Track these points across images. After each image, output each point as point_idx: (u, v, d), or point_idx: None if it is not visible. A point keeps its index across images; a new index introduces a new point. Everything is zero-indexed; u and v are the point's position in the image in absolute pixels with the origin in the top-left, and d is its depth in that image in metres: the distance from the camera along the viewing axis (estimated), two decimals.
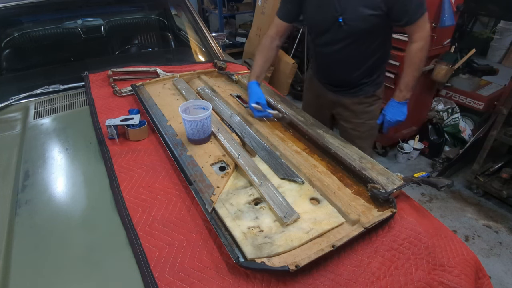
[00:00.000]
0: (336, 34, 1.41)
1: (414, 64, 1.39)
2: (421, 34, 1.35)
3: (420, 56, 1.38)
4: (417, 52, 1.37)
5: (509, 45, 4.78)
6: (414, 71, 1.40)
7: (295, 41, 3.94)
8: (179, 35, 2.46)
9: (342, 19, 1.34)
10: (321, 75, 1.68)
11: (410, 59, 1.39)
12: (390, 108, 1.48)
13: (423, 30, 1.34)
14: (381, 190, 0.98)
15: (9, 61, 1.98)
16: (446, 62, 2.65)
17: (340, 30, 1.38)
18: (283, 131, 1.32)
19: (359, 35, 1.39)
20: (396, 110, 1.46)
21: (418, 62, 1.39)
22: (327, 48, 1.49)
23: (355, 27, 1.36)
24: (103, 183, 1.06)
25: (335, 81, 1.62)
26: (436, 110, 3.04)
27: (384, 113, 1.50)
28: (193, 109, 1.24)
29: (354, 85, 1.57)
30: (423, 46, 1.36)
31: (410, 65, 1.40)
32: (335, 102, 1.66)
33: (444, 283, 0.83)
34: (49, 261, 0.84)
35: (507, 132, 2.30)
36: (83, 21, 2.11)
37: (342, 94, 1.61)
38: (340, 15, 1.34)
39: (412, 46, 1.37)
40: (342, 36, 1.40)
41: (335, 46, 1.45)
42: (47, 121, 1.41)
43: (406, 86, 1.42)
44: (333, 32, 1.41)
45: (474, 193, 2.59)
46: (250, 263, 0.78)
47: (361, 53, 1.46)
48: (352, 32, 1.38)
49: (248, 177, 1.04)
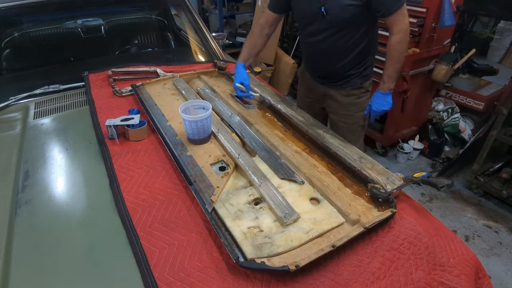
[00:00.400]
0: (320, 24, 1.49)
1: (394, 57, 1.46)
2: (399, 27, 1.41)
3: (399, 49, 1.44)
4: (395, 45, 1.44)
5: (509, 45, 4.78)
6: (395, 63, 1.47)
7: (295, 41, 3.94)
8: (179, 35, 2.46)
9: (324, 9, 1.43)
10: (310, 67, 1.76)
11: (390, 52, 1.47)
12: (375, 99, 1.57)
13: (400, 23, 1.40)
14: (381, 190, 0.98)
15: (9, 61, 1.98)
16: (446, 62, 2.65)
17: (324, 20, 1.46)
18: (283, 131, 1.32)
19: (341, 25, 1.47)
20: (381, 100, 1.54)
21: (398, 54, 1.45)
22: (313, 39, 1.57)
23: (337, 16, 1.44)
24: (103, 183, 1.06)
25: (322, 72, 1.70)
26: (436, 110, 3.04)
27: (370, 104, 1.60)
28: (193, 109, 1.24)
29: (341, 76, 1.63)
30: (401, 39, 1.42)
31: (390, 58, 1.47)
32: (324, 94, 1.74)
33: (444, 283, 0.83)
34: (49, 261, 0.84)
35: (507, 132, 2.30)
36: (83, 21, 2.11)
37: (330, 86, 1.69)
38: (323, 5, 1.42)
39: (391, 39, 1.45)
40: (325, 26, 1.49)
41: (320, 36, 1.53)
42: (47, 121, 1.41)
43: (389, 78, 1.50)
44: (317, 22, 1.49)
45: (474, 193, 2.59)
46: (250, 263, 0.78)
47: (345, 43, 1.52)
48: (334, 22, 1.46)
49: (248, 177, 1.04)
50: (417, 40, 2.50)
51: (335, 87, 1.67)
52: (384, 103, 1.54)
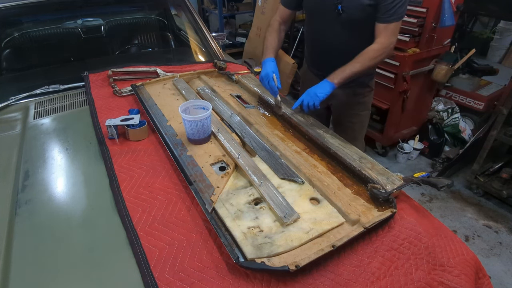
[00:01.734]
0: (334, 22, 1.46)
1: (361, 57, 1.38)
2: (384, 39, 1.38)
3: (372, 55, 1.38)
4: (370, 51, 1.38)
5: (509, 45, 4.78)
6: (356, 63, 1.38)
7: (295, 41, 3.94)
8: (179, 35, 2.46)
9: (341, 7, 1.40)
10: (316, 65, 1.72)
11: (362, 53, 1.39)
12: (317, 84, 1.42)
13: (387, 37, 1.38)
14: (381, 190, 0.98)
15: (9, 61, 1.98)
16: (446, 62, 2.65)
17: (339, 18, 1.43)
18: (283, 131, 1.32)
19: (356, 24, 1.44)
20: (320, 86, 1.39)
21: (366, 58, 1.37)
22: (325, 36, 1.54)
23: (353, 15, 1.41)
24: (103, 183, 1.06)
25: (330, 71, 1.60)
26: (436, 110, 3.04)
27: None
28: (193, 109, 1.24)
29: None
30: (379, 50, 1.38)
31: (358, 57, 1.39)
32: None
33: (444, 283, 0.83)
34: (49, 261, 0.84)
35: (507, 132, 2.30)
36: (83, 21, 2.11)
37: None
38: (339, 3, 1.40)
39: (371, 45, 1.40)
40: (339, 24, 1.46)
41: (331, 34, 1.51)
42: (47, 121, 1.41)
43: (341, 72, 1.37)
44: (330, 20, 1.46)
45: (474, 193, 2.59)
46: (250, 263, 0.78)
47: (356, 42, 1.48)
48: (349, 20, 1.43)
49: (248, 177, 1.04)
50: (417, 40, 2.50)
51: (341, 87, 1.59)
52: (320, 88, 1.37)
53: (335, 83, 1.37)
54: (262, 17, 3.89)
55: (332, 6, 1.42)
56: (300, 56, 3.93)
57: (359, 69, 1.38)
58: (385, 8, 1.35)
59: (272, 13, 3.73)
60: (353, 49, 1.50)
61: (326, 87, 1.36)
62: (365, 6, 1.37)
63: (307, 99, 1.36)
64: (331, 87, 1.37)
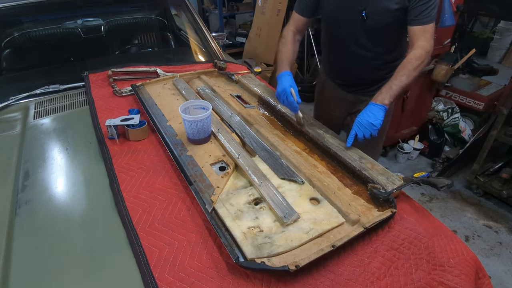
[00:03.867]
0: (358, 30, 1.37)
1: (405, 69, 1.25)
2: (423, 43, 1.26)
3: (415, 64, 1.25)
4: (413, 59, 1.25)
5: (509, 45, 4.78)
6: (402, 76, 1.24)
7: None
8: (179, 35, 2.46)
9: (365, 13, 1.31)
10: (339, 75, 1.61)
11: (404, 63, 1.26)
12: (364, 110, 1.25)
13: (426, 40, 1.27)
14: (381, 190, 0.98)
15: (9, 61, 1.98)
16: (446, 62, 2.65)
17: (363, 25, 1.34)
18: (283, 131, 1.32)
19: (381, 30, 1.35)
20: (370, 112, 1.22)
21: (411, 68, 1.25)
22: (346, 45, 1.45)
23: (380, 21, 1.32)
24: (103, 183, 1.06)
25: (355, 80, 1.56)
26: (436, 110, 3.04)
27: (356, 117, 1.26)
28: (193, 109, 1.24)
29: (375, 82, 1.52)
30: (422, 56, 1.25)
31: (401, 69, 1.26)
32: (354, 102, 1.61)
33: (444, 283, 0.83)
34: (49, 261, 0.84)
35: (507, 132, 2.30)
36: (83, 21, 2.11)
37: (362, 93, 1.56)
38: (364, 9, 1.31)
39: (412, 52, 1.27)
40: (363, 31, 1.37)
41: (356, 42, 1.41)
42: (47, 121, 1.41)
43: (389, 90, 1.23)
44: (354, 27, 1.37)
45: (474, 193, 2.59)
46: (250, 263, 0.78)
47: (381, 48, 1.42)
48: (374, 27, 1.34)
49: (248, 177, 1.04)
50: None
51: (369, 93, 1.49)
52: (372, 115, 1.21)
53: (386, 104, 1.22)
54: (262, 17, 3.89)
55: (356, 13, 1.33)
56: (300, 56, 3.92)
57: (406, 81, 1.24)
58: (419, 9, 1.25)
59: (272, 13, 3.73)
60: (376, 56, 1.44)
61: (379, 113, 1.21)
62: (392, 11, 1.28)
63: (362, 131, 1.20)
64: (383, 110, 1.22)
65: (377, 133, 1.24)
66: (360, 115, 1.24)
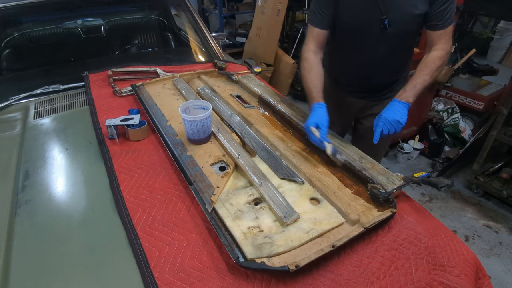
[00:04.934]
0: (378, 37, 1.32)
1: (429, 68, 1.26)
2: (444, 45, 1.28)
3: (438, 64, 1.27)
4: (435, 59, 1.27)
5: (509, 45, 4.78)
6: (426, 75, 1.25)
7: (295, 41, 3.94)
8: (179, 35, 2.46)
9: (387, 21, 1.26)
10: (352, 83, 1.56)
11: (427, 63, 1.27)
12: (389, 107, 1.26)
13: (446, 41, 1.28)
14: (381, 190, 0.98)
15: (9, 61, 1.98)
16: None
17: (384, 32, 1.29)
18: (283, 131, 1.32)
19: (402, 36, 1.32)
20: (396, 110, 1.23)
21: (434, 68, 1.27)
22: (365, 53, 1.39)
23: (401, 28, 1.29)
24: (103, 183, 1.06)
25: (368, 87, 1.52)
26: (436, 110, 3.04)
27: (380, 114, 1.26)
28: (193, 109, 1.24)
29: (389, 85, 1.51)
30: (443, 57, 1.28)
31: (424, 68, 1.27)
32: (363, 107, 1.59)
33: (444, 283, 0.83)
34: (49, 261, 0.84)
35: (507, 132, 2.30)
36: (83, 21, 2.11)
37: (374, 98, 1.54)
38: (386, 17, 1.25)
39: (433, 53, 1.28)
40: (384, 39, 1.32)
41: (376, 50, 1.36)
42: (47, 121, 1.41)
43: (413, 88, 1.25)
44: (375, 35, 1.32)
45: (474, 193, 2.59)
46: (250, 263, 0.78)
47: (401, 54, 1.40)
48: (396, 34, 1.30)
49: (248, 177, 1.04)
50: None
51: (379, 98, 1.51)
52: (398, 113, 1.22)
53: (410, 103, 1.24)
54: (262, 17, 3.89)
55: (377, 21, 1.27)
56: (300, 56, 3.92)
57: (429, 81, 1.26)
58: (440, 14, 1.23)
59: (272, 13, 3.73)
60: (393, 62, 1.42)
61: (404, 110, 1.22)
62: (415, 16, 1.25)
63: (388, 128, 1.21)
64: (407, 107, 1.24)
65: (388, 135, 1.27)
66: (386, 112, 1.23)
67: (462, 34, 3.71)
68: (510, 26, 4.71)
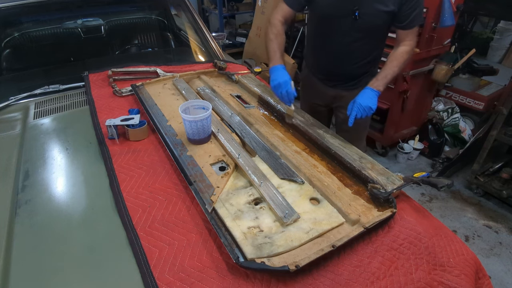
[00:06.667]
0: (348, 27, 1.44)
1: (398, 61, 1.41)
2: (411, 42, 1.43)
3: (405, 57, 1.42)
4: (403, 54, 1.42)
5: (509, 45, 4.78)
6: (395, 67, 1.40)
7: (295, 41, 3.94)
8: (179, 35, 2.46)
9: (358, 13, 1.38)
10: (323, 71, 1.68)
11: (396, 56, 1.42)
12: (362, 94, 1.37)
13: (413, 39, 1.44)
14: (381, 190, 0.98)
15: (9, 61, 1.98)
16: (446, 62, 2.65)
17: (354, 23, 1.41)
18: (283, 131, 1.32)
19: (370, 30, 1.44)
20: (369, 97, 1.35)
21: (402, 61, 1.42)
22: (336, 41, 1.51)
23: (370, 22, 1.41)
24: (103, 183, 1.06)
25: (337, 75, 1.63)
26: (436, 110, 3.04)
27: (355, 100, 1.36)
28: (193, 109, 1.24)
29: (355, 77, 1.61)
30: (409, 52, 1.43)
31: (394, 60, 1.41)
32: (334, 96, 1.70)
33: (444, 283, 0.83)
34: (49, 261, 0.84)
35: (507, 132, 2.30)
36: (83, 21, 2.11)
37: (342, 88, 1.65)
38: (357, 8, 1.37)
39: (401, 48, 1.44)
40: (353, 30, 1.44)
41: (345, 39, 1.48)
42: (47, 121, 1.41)
43: (384, 78, 1.39)
44: (344, 25, 1.44)
45: (474, 193, 2.59)
46: (250, 263, 0.78)
47: (368, 46, 1.50)
48: (365, 27, 1.42)
49: (248, 177, 1.04)
50: (417, 40, 2.50)
51: (348, 88, 1.63)
52: (370, 100, 1.34)
53: (380, 91, 1.37)
54: (262, 17, 3.89)
55: (349, 11, 1.39)
56: (300, 56, 3.92)
57: (397, 72, 1.42)
58: (409, 15, 1.36)
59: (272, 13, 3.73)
60: (362, 54, 1.54)
61: (375, 97, 1.35)
62: (381, 13, 1.37)
63: (361, 113, 1.33)
64: (378, 95, 1.37)
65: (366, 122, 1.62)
66: (360, 99, 1.35)
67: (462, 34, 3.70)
68: (510, 26, 4.70)
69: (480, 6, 3.19)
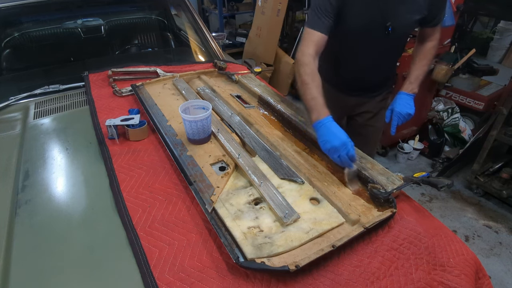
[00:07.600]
0: (380, 42, 1.37)
1: (427, 59, 1.41)
2: (436, 36, 1.42)
3: (433, 53, 1.43)
4: (431, 49, 1.42)
5: (509, 45, 4.78)
6: (425, 66, 1.41)
7: (295, 41, 3.94)
8: (179, 35, 2.46)
9: (391, 28, 1.30)
10: (344, 82, 1.58)
11: (425, 54, 1.41)
12: (399, 101, 1.35)
13: (438, 33, 1.43)
14: (381, 190, 0.98)
15: (9, 61, 1.98)
16: (446, 62, 2.65)
17: (387, 38, 1.34)
18: (283, 131, 1.32)
19: (402, 39, 1.45)
20: (406, 102, 1.35)
21: (431, 58, 1.42)
22: (367, 56, 1.44)
23: (402, 34, 1.40)
24: (103, 183, 1.06)
25: (363, 86, 1.57)
26: (436, 110, 3.04)
27: (392, 108, 1.35)
28: (193, 109, 1.24)
29: (379, 85, 1.59)
30: (436, 46, 1.43)
31: (423, 59, 1.41)
32: (355, 105, 1.64)
33: (444, 283, 0.83)
34: (49, 261, 0.84)
35: (507, 132, 2.30)
36: (83, 21, 2.11)
37: (366, 96, 1.60)
38: (389, 22, 1.29)
39: (428, 44, 1.42)
40: (386, 43, 1.38)
41: (377, 53, 1.42)
42: (47, 121, 1.41)
43: (416, 79, 1.39)
44: (377, 40, 1.36)
45: (474, 193, 2.59)
46: (250, 263, 0.78)
47: (395, 55, 1.51)
48: (397, 38, 1.40)
49: (248, 177, 1.04)
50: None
51: (371, 95, 1.59)
52: (408, 105, 1.34)
53: (415, 93, 1.38)
54: (262, 17, 3.89)
55: (381, 26, 1.30)
56: None
57: (427, 69, 1.43)
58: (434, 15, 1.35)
59: (272, 13, 3.73)
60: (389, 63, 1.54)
61: (412, 102, 1.36)
62: (415, 22, 1.34)
63: (401, 121, 1.35)
64: (413, 98, 1.38)
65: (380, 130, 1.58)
66: (398, 106, 1.35)
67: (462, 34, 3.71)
68: (510, 26, 4.71)
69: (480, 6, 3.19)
